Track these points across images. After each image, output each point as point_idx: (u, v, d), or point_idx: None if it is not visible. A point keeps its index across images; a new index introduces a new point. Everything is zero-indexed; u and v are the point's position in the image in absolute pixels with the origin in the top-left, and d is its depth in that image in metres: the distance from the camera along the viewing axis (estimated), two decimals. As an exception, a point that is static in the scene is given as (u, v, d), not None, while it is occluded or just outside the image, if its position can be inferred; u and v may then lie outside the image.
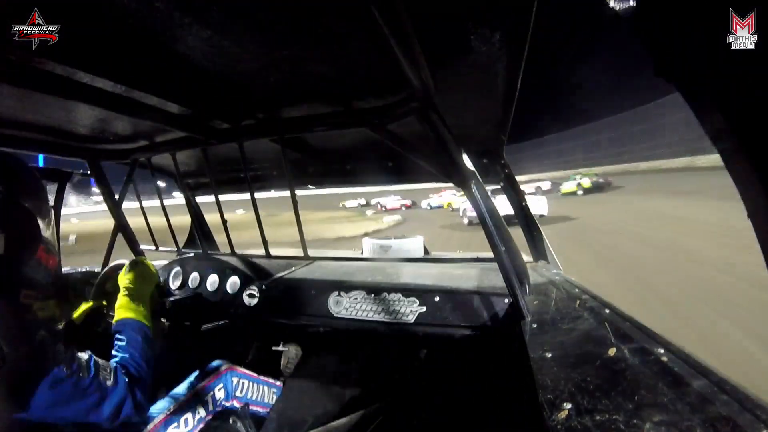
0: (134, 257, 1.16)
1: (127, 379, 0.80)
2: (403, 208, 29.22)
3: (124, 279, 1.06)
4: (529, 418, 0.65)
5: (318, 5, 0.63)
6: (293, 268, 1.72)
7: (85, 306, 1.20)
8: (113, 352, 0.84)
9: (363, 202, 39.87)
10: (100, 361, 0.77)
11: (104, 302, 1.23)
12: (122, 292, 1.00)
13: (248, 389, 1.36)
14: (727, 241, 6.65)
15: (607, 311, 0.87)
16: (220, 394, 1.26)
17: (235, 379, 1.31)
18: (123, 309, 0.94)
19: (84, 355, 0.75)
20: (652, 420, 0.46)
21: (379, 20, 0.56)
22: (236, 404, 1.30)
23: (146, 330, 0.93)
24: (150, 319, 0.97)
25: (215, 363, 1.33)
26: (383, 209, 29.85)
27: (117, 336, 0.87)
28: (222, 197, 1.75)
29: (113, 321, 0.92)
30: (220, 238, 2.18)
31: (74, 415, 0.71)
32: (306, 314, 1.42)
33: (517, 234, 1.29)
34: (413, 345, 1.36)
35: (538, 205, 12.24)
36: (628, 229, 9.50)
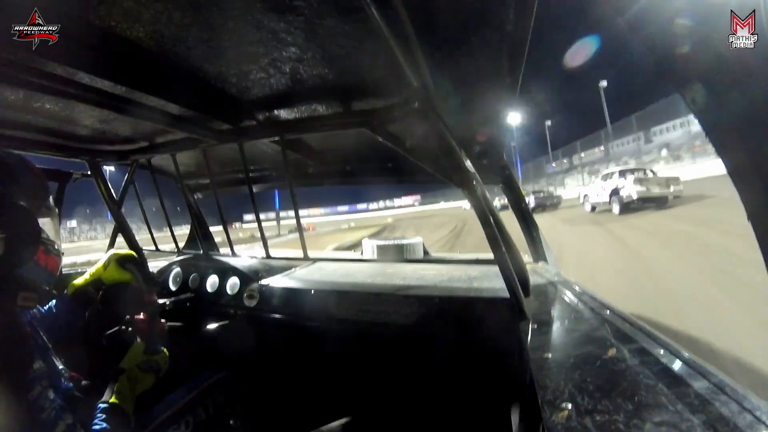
0: (155, 345, 1.07)
1: None
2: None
3: (136, 357, 0.99)
4: (529, 418, 0.65)
5: (317, 6, 0.63)
6: (293, 269, 1.72)
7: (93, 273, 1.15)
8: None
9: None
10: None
11: (101, 267, 1.16)
12: (129, 380, 0.94)
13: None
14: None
15: (607, 312, 0.87)
16: (220, 396, 1.26)
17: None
18: (122, 397, 0.89)
19: (67, 418, 0.69)
20: (652, 420, 0.46)
21: (379, 21, 0.56)
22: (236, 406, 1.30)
23: (129, 422, 0.89)
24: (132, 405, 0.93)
25: (215, 367, 1.33)
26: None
27: (102, 420, 0.82)
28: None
29: (109, 398, 0.87)
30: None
31: None
32: (306, 315, 1.41)
33: (517, 234, 1.28)
34: (413, 346, 1.36)
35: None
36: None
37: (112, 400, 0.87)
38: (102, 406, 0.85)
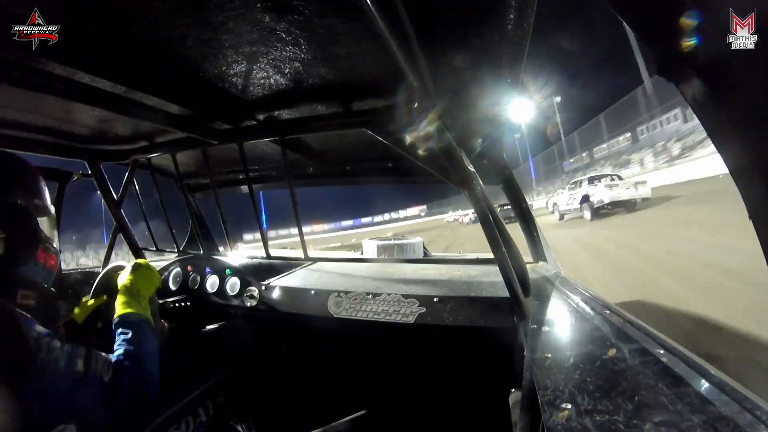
0: (136, 260, 1.14)
1: (129, 372, 0.78)
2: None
3: (125, 278, 1.04)
4: (528, 418, 0.65)
5: (317, 6, 0.63)
6: (293, 269, 1.72)
7: (85, 304, 1.18)
8: (116, 347, 0.82)
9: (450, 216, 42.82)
10: (100, 355, 0.75)
11: (105, 297, 1.21)
12: (122, 290, 0.99)
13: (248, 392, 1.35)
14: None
15: (607, 311, 0.86)
16: (220, 396, 1.26)
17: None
18: (124, 305, 0.93)
19: (81, 350, 0.73)
20: (652, 420, 0.46)
21: (379, 20, 0.56)
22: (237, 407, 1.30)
23: (148, 324, 0.92)
24: (150, 316, 0.96)
25: (215, 367, 1.33)
26: (462, 221, 30.90)
27: (119, 331, 0.86)
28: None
29: (114, 318, 0.90)
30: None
31: (68, 407, 0.69)
32: (306, 315, 1.41)
33: (517, 234, 1.29)
34: (413, 345, 1.36)
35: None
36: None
37: (122, 311, 0.89)
38: (114, 321, 0.88)
